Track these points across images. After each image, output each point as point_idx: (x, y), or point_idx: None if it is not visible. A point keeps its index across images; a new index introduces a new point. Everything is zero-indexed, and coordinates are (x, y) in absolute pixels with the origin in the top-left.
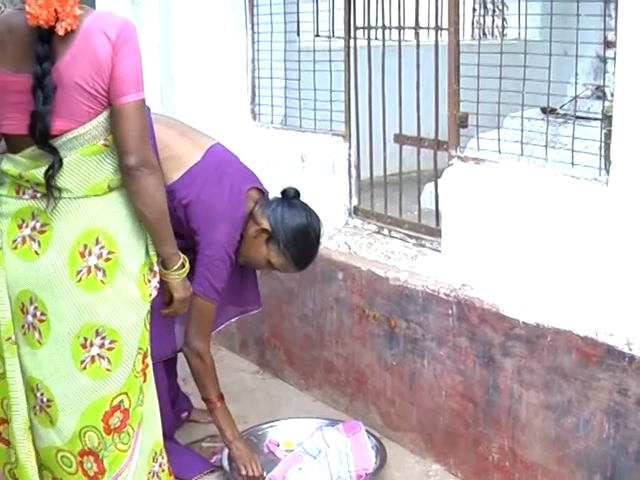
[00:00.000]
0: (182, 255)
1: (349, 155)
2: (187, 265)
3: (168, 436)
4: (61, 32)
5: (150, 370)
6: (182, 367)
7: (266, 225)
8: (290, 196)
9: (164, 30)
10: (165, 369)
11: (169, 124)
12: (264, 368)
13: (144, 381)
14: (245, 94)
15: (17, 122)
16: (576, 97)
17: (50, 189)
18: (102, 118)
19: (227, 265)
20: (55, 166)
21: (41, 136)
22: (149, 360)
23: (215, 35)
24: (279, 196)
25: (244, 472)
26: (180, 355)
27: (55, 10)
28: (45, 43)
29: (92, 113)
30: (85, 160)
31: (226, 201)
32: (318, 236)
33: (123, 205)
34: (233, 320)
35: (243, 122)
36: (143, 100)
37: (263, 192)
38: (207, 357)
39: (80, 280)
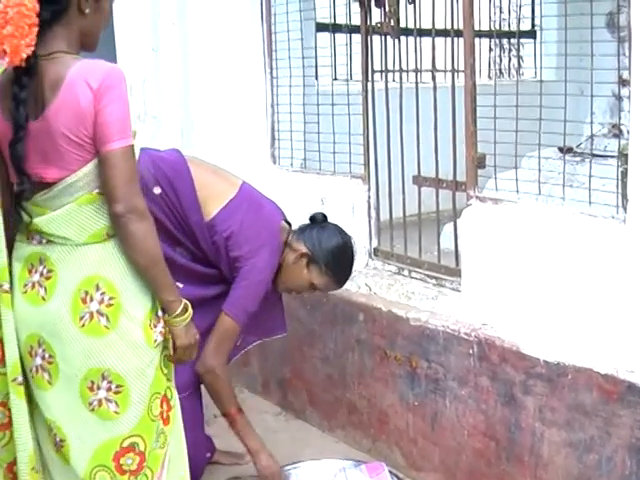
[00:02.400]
0: (184, 301)
1: (368, 197)
2: (190, 310)
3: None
4: (4, 65)
5: (175, 413)
6: (205, 408)
7: (304, 250)
8: (319, 220)
9: (184, 75)
10: None
11: (203, 165)
12: (286, 409)
13: (166, 424)
14: (265, 138)
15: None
16: (592, 136)
17: (24, 207)
18: (92, 166)
19: (263, 290)
20: (26, 192)
21: (17, 164)
22: (174, 402)
23: (235, 80)
24: (308, 222)
25: None
26: (205, 394)
27: (5, 47)
28: (17, 82)
29: (82, 161)
30: (82, 209)
31: (264, 230)
32: (354, 252)
33: (124, 252)
34: (259, 342)
35: (263, 166)
36: (130, 146)
37: (290, 224)
38: (222, 372)
39: (84, 326)
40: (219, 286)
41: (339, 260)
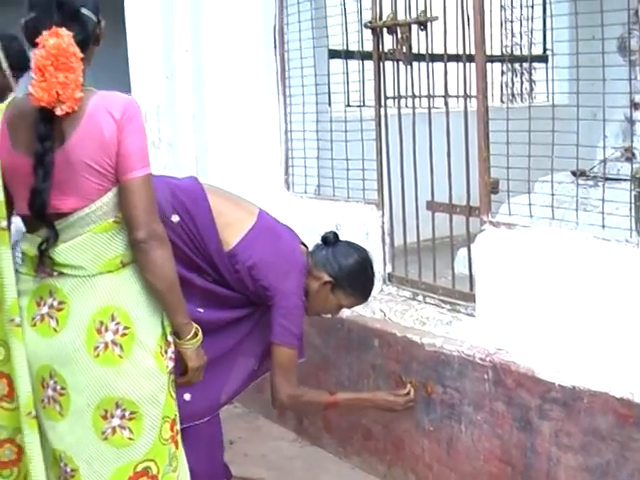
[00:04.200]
0: (195, 325)
1: (382, 223)
2: (200, 335)
3: None
4: (59, 112)
5: (179, 437)
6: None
7: (326, 277)
8: (331, 241)
9: (198, 102)
10: None
11: (220, 193)
12: (302, 436)
13: (176, 447)
14: (278, 164)
15: (27, 202)
16: (605, 159)
17: (43, 261)
18: (111, 194)
19: (302, 311)
20: (50, 240)
21: (39, 211)
22: (178, 427)
23: (248, 107)
24: (320, 243)
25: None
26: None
27: (57, 92)
28: (47, 123)
29: (101, 190)
30: (97, 237)
31: (287, 256)
32: (372, 262)
33: (137, 280)
34: None
35: (277, 192)
36: (150, 175)
37: (307, 246)
38: (299, 392)
39: (98, 355)
40: (240, 309)
41: (361, 278)
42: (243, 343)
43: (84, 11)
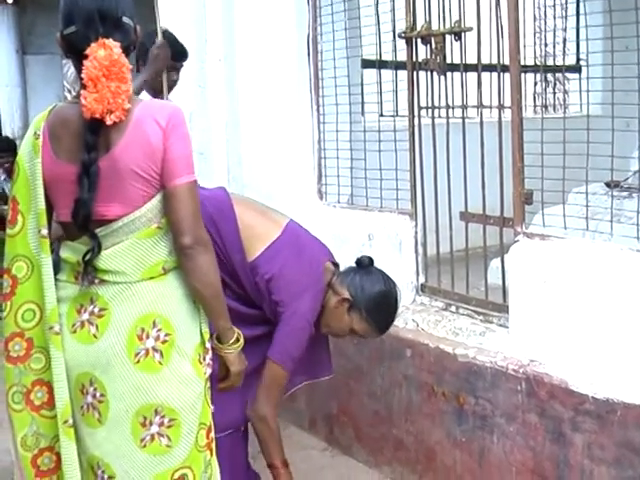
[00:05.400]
0: (237, 330)
1: (415, 233)
2: (242, 339)
3: None
4: (109, 122)
5: (214, 445)
6: (252, 444)
7: (347, 295)
8: (365, 264)
9: (231, 112)
10: None
11: (248, 204)
12: (333, 445)
13: (211, 455)
14: (312, 174)
15: (70, 210)
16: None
17: (87, 272)
18: (156, 201)
19: (307, 335)
20: (94, 250)
21: (83, 222)
22: (213, 434)
23: (281, 116)
24: (354, 265)
25: None
26: (251, 430)
27: (108, 102)
28: (94, 133)
29: (146, 197)
30: (140, 243)
31: (307, 274)
32: (397, 300)
33: (178, 287)
34: (304, 383)
35: (310, 201)
36: (195, 182)
37: (336, 264)
38: (273, 423)
39: (138, 362)
40: (263, 326)
41: (380, 307)
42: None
43: (125, 19)
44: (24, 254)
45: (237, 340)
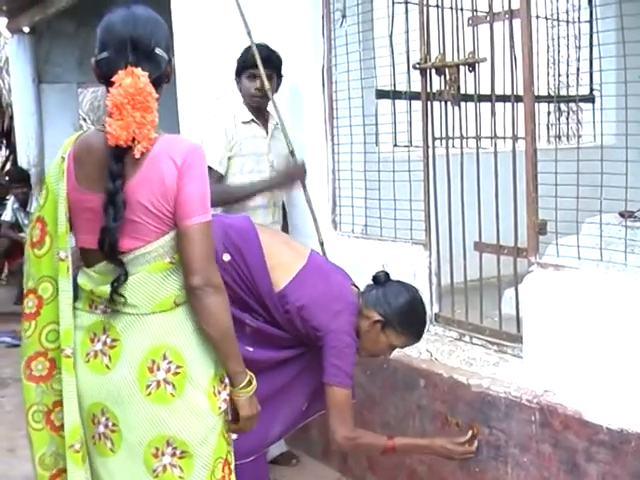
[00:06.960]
0: (249, 373)
1: (429, 263)
2: (254, 383)
3: None
4: (137, 155)
5: (233, 476)
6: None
7: (376, 316)
8: (382, 281)
9: None
10: None
11: (272, 234)
12: (346, 475)
13: None
14: (326, 204)
15: (90, 236)
16: None
17: (114, 301)
18: (169, 238)
19: (354, 350)
20: (121, 279)
21: (110, 251)
22: (233, 466)
23: (296, 145)
24: (371, 283)
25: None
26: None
27: (133, 131)
28: (120, 162)
29: (159, 233)
30: (151, 277)
31: (337, 296)
32: (423, 302)
33: (190, 320)
34: (318, 414)
35: (324, 231)
36: (209, 222)
37: (358, 287)
38: (356, 434)
39: (150, 394)
40: (290, 350)
41: (412, 317)
42: (292, 384)
43: (158, 51)
44: (50, 275)
45: (249, 383)
